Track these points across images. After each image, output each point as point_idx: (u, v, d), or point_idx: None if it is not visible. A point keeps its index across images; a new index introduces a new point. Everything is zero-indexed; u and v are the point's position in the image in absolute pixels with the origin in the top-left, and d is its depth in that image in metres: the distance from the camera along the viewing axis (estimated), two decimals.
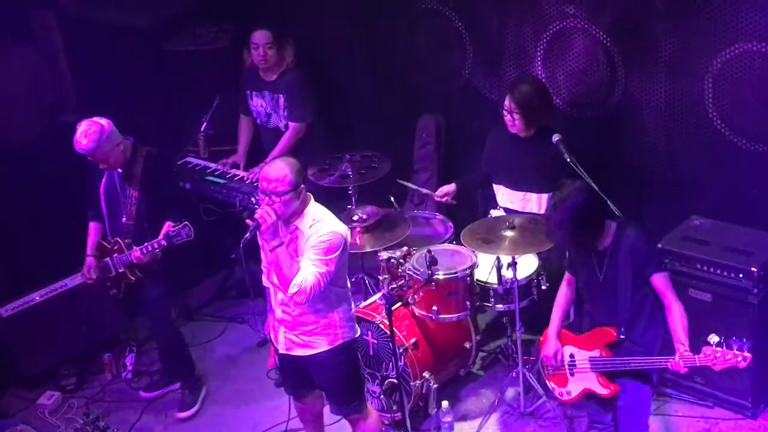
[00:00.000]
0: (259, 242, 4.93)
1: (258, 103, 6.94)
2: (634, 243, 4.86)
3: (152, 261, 5.81)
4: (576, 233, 4.84)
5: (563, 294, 5.26)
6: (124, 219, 5.86)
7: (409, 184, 6.65)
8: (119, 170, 5.83)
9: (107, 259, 5.93)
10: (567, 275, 5.26)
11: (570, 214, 4.77)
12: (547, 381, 5.35)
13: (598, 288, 4.98)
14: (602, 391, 4.99)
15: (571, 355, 5.11)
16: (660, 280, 4.85)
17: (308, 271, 4.70)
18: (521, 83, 5.89)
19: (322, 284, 4.72)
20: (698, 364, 4.61)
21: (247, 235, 4.76)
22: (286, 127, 6.86)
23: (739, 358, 4.50)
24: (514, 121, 5.84)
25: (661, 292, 4.86)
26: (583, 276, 5.09)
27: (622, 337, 4.91)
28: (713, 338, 4.56)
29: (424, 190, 6.55)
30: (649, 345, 4.93)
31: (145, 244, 5.76)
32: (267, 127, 6.99)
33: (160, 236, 5.74)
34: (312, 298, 4.74)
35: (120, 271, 5.91)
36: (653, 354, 4.88)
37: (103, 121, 5.70)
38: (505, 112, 5.86)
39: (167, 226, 5.75)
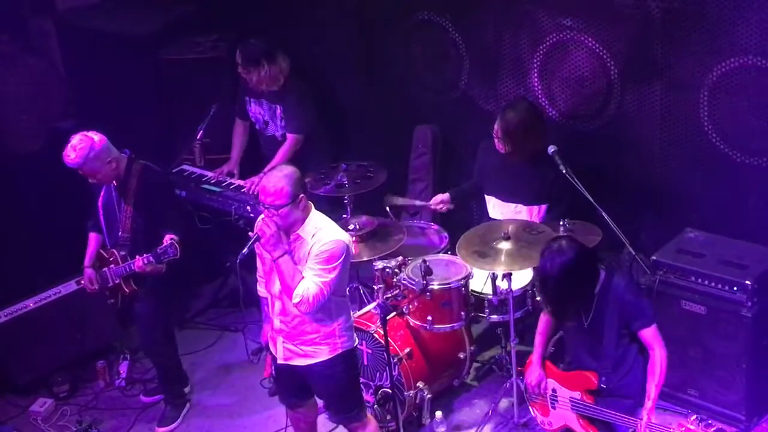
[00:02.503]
0: (257, 251, 4.93)
1: (256, 110, 6.95)
2: (623, 295, 4.79)
3: (153, 273, 5.76)
4: (573, 291, 4.70)
5: (544, 321, 5.17)
6: (120, 232, 5.84)
7: (400, 201, 6.52)
8: (114, 184, 5.79)
9: (105, 269, 5.92)
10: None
11: (563, 275, 4.61)
12: (530, 407, 5.32)
13: (582, 333, 4.90)
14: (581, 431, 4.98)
15: (554, 390, 5.07)
16: (648, 334, 4.78)
17: (311, 281, 4.70)
18: (509, 109, 5.84)
19: (326, 293, 4.72)
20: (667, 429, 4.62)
21: (245, 250, 4.75)
22: (283, 136, 6.86)
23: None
24: (502, 145, 5.85)
25: (648, 345, 4.80)
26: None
27: (603, 386, 4.86)
28: (692, 417, 4.53)
29: (418, 202, 6.53)
30: (628, 393, 4.88)
31: (138, 258, 5.68)
32: (265, 134, 7.00)
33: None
34: (316, 308, 4.74)
35: (116, 282, 5.90)
36: (633, 401, 4.84)
37: (96, 136, 5.60)
38: (494, 134, 5.87)
39: (167, 238, 5.71)
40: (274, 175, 4.72)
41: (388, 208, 6.34)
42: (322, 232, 4.75)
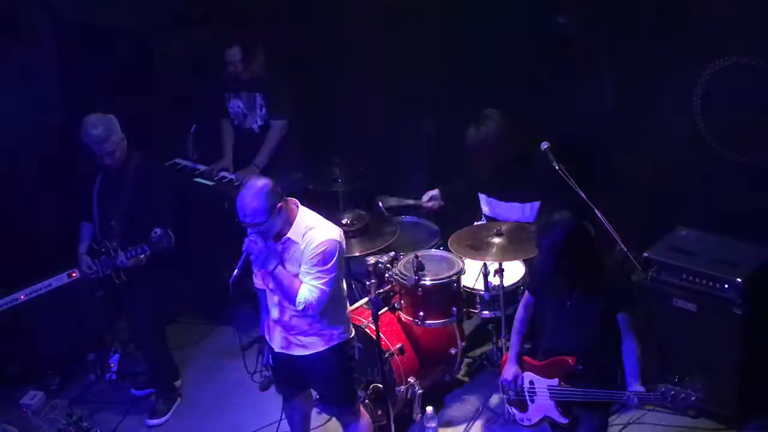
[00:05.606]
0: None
1: (235, 104, 6.95)
2: (609, 278, 4.82)
3: (137, 266, 5.77)
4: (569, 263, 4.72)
5: (521, 319, 5.15)
6: (113, 222, 5.84)
7: (393, 201, 6.50)
8: (115, 171, 5.79)
9: (95, 260, 5.91)
10: (526, 297, 5.14)
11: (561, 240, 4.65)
12: (508, 406, 5.31)
13: (565, 316, 4.89)
14: (561, 420, 4.93)
15: (531, 382, 5.04)
16: (627, 320, 4.79)
17: (311, 285, 4.70)
18: (468, 129, 5.81)
19: (328, 291, 4.73)
20: (653, 401, 4.60)
21: (237, 271, 4.74)
22: (261, 128, 6.86)
23: (693, 398, 4.47)
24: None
25: (624, 330, 4.81)
26: (550, 302, 4.98)
27: (580, 368, 4.85)
28: (670, 380, 4.52)
29: (410, 201, 6.50)
30: (608, 377, 4.89)
31: (130, 249, 5.71)
32: (242, 128, 7.00)
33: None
34: (322, 307, 4.74)
35: (106, 273, 5.89)
36: (612, 386, 4.85)
37: (107, 115, 5.69)
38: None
39: (158, 229, 5.70)
40: (246, 195, 4.64)
41: (380, 204, 6.33)
42: (312, 232, 4.73)
